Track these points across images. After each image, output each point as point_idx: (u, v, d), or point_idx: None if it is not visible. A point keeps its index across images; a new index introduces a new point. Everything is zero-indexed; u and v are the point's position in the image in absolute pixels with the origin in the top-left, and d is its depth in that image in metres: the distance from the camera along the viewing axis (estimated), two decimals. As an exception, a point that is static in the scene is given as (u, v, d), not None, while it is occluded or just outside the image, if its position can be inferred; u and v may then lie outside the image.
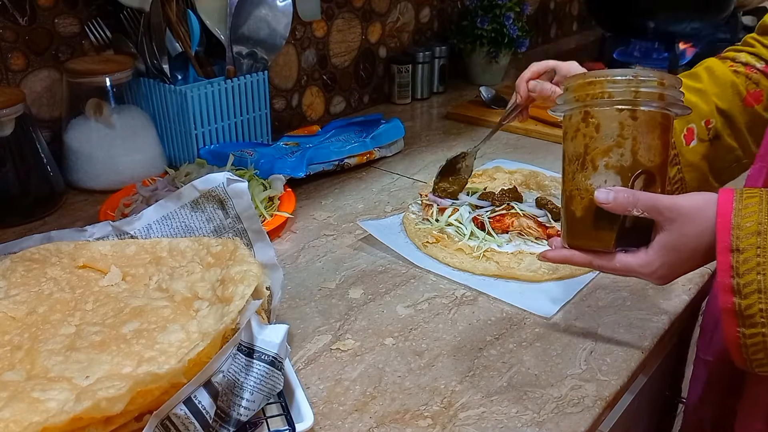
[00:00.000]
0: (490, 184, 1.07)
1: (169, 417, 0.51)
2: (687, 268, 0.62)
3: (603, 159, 0.61)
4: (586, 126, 0.62)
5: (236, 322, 0.58)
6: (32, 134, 0.97)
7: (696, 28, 1.60)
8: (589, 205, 0.62)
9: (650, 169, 0.61)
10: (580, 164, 0.62)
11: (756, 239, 0.57)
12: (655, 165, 0.61)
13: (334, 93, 1.44)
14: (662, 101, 0.60)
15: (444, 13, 1.64)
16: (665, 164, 0.62)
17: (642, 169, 0.61)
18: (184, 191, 0.76)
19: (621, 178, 0.60)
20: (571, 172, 0.63)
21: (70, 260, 0.71)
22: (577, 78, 0.63)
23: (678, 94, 0.61)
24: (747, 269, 0.57)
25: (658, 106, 0.60)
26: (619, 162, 0.60)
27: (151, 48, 1.07)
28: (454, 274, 0.85)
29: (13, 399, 0.52)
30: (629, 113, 0.60)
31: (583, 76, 0.63)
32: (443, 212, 0.96)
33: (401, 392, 0.66)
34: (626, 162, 0.60)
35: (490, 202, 0.97)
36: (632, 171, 0.60)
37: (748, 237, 0.56)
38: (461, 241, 0.90)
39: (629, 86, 0.60)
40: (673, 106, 0.61)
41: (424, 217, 0.98)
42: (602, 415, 0.64)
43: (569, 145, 0.64)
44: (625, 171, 0.60)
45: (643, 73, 0.61)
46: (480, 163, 1.19)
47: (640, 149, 0.60)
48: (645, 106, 0.60)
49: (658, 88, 0.60)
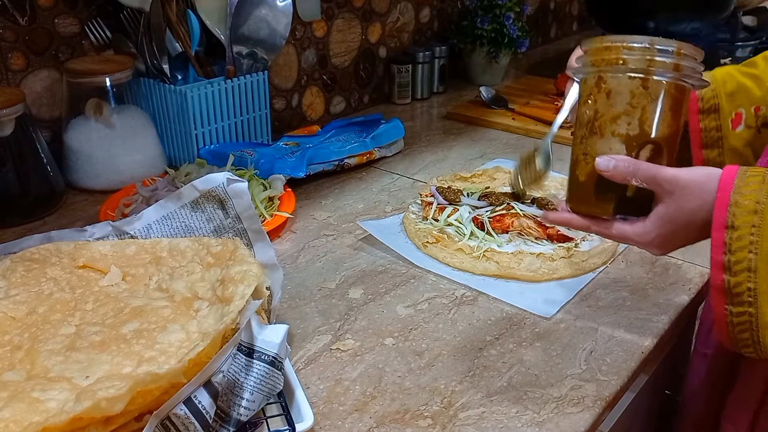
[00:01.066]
0: (491, 184, 1.07)
1: (169, 417, 0.51)
2: (683, 241, 0.62)
3: (610, 126, 0.60)
4: (598, 91, 0.61)
5: (236, 322, 0.58)
6: (32, 134, 0.97)
7: (696, 28, 1.60)
8: (591, 171, 0.62)
9: (657, 141, 0.60)
10: (589, 129, 0.62)
11: (752, 218, 0.56)
12: (663, 136, 0.60)
13: (334, 93, 1.44)
14: (677, 72, 0.59)
15: (444, 13, 1.64)
16: (675, 136, 0.62)
17: (648, 139, 0.60)
18: (184, 191, 0.76)
19: (626, 147, 0.60)
20: (579, 137, 0.63)
21: (70, 260, 0.71)
22: (596, 41, 0.63)
23: (696, 65, 0.60)
24: (739, 247, 0.57)
25: (672, 76, 0.59)
26: (626, 131, 0.60)
27: (151, 48, 1.07)
28: (454, 274, 0.85)
29: (13, 399, 0.52)
30: (640, 82, 0.59)
31: (601, 40, 0.62)
32: (442, 211, 0.96)
33: (401, 392, 0.66)
34: (633, 131, 0.60)
35: (488, 203, 0.97)
36: (638, 141, 0.60)
37: (744, 215, 0.56)
38: (461, 241, 0.90)
39: (644, 54, 0.59)
40: (689, 78, 0.60)
41: (423, 216, 0.98)
42: (602, 415, 0.64)
43: (581, 109, 0.64)
44: (630, 140, 0.60)
45: (661, 41, 0.59)
46: (480, 163, 1.19)
47: (648, 119, 0.59)
48: (658, 75, 0.59)
49: (674, 57, 0.59)
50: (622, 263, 0.88)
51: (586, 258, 0.87)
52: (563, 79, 1.57)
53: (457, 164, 1.19)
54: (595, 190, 0.62)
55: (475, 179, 1.09)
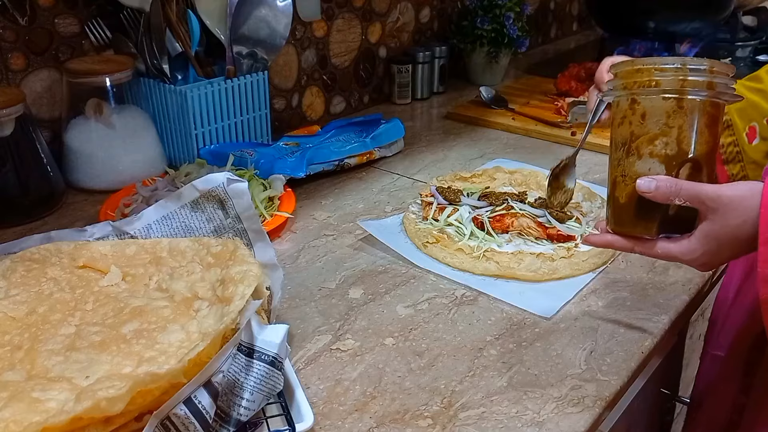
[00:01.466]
0: (491, 184, 1.07)
1: (169, 417, 0.51)
2: (728, 256, 0.62)
3: (648, 147, 0.61)
4: (632, 113, 0.62)
5: (236, 322, 0.58)
6: (32, 134, 0.97)
7: (696, 28, 1.60)
8: (632, 192, 0.62)
9: (696, 158, 0.61)
10: (626, 151, 0.62)
11: None
12: (702, 154, 0.61)
13: (334, 93, 1.44)
14: (711, 90, 0.60)
15: (444, 13, 1.64)
16: (713, 153, 0.62)
17: (687, 158, 0.60)
18: (184, 191, 0.76)
19: (665, 166, 0.61)
20: (616, 159, 0.64)
21: (70, 260, 0.71)
22: (626, 64, 0.63)
23: (729, 81, 0.61)
24: None
25: (707, 95, 0.60)
26: (664, 150, 0.60)
27: (151, 48, 1.07)
28: (454, 274, 0.85)
29: (13, 399, 0.52)
30: (675, 102, 0.60)
31: (632, 63, 0.63)
32: (442, 211, 0.96)
33: (401, 392, 0.66)
34: (671, 151, 0.60)
35: (488, 203, 0.97)
36: (677, 160, 0.60)
37: None
38: (461, 241, 0.90)
39: (677, 75, 0.60)
40: (723, 95, 0.60)
41: (423, 216, 0.97)
42: (602, 415, 0.64)
43: (616, 132, 0.64)
44: (669, 159, 0.60)
45: (692, 61, 0.60)
46: (480, 163, 1.19)
47: (686, 138, 0.60)
48: (692, 95, 0.60)
49: (706, 76, 0.59)
50: (622, 263, 0.88)
51: (586, 258, 0.87)
52: (563, 79, 1.58)
53: (457, 164, 1.19)
54: (636, 212, 0.63)
55: (475, 179, 1.09)
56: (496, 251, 0.88)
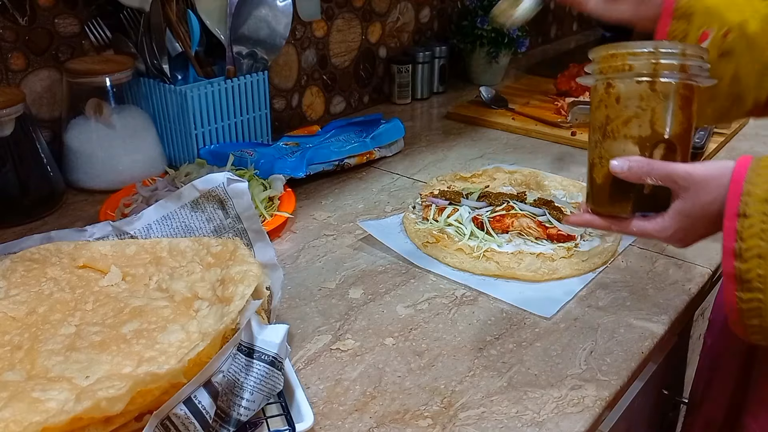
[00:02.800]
0: (491, 184, 1.07)
1: (169, 417, 0.51)
2: (702, 234, 0.63)
3: (623, 129, 0.62)
4: (608, 97, 0.63)
5: (236, 322, 0.58)
6: (32, 134, 0.97)
7: (696, 28, 1.60)
8: (608, 173, 0.63)
9: (670, 140, 0.62)
10: (602, 134, 0.64)
11: (764, 206, 0.57)
12: (675, 135, 0.62)
13: (334, 93, 1.44)
14: (684, 72, 0.61)
15: (444, 13, 1.64)
16: (687, 134, 0.63)
17: (661, 139, 0.62)
18: (184, 191, 0.76)
19: (640, 148, 0.62)
20: (594, 141, 0.65)
21: (70, 260, 0.71)
22: (602, 49, 0.64)
23: (702, 64, 0.62)
24: (750, 234, 0.58)
25: (680, 77, 0.61)
26: (638, 132, 0.61)
27: (151, 48, 1.07)
28: (454, 274, 0.85)
29: (13, 399, 0.52)
30: (648, 84, 0.61)
31: (606, 48, 0.64)
32: (442, 212, 0.96)
33: (401, 392, 0.66)
34: (644, 132, 0.61)
35: (488, 203, 0.97)
36: (651, 141, 0.62)
37: (756, 203, 0.57)
38: (461, 241, 0.90)
39: (650, 58, 0.61)
40: (697, 77, 0.62)
41: (423, 216, 0.97)
42: (602, 415, 0.64)
43: (594, 115, 0.65)
44: (643, 141, 0.61)
45: (664, 44, 0.62)
46: (480, 163, 1.19)
47: (659, 120, 0.61)
48: (665, 77, 0.61)
49: (679, 59, 0.61)
50: (622, 263, 0.88)
51: (587, 258, 0.87)
52: (563, 79, 1.57)
53: (457, 164, 1.19)
54: (612, 191, 0.64)
55: (474, 179, 1.09)
56: (495, 251, 0.88)
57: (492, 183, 1.08)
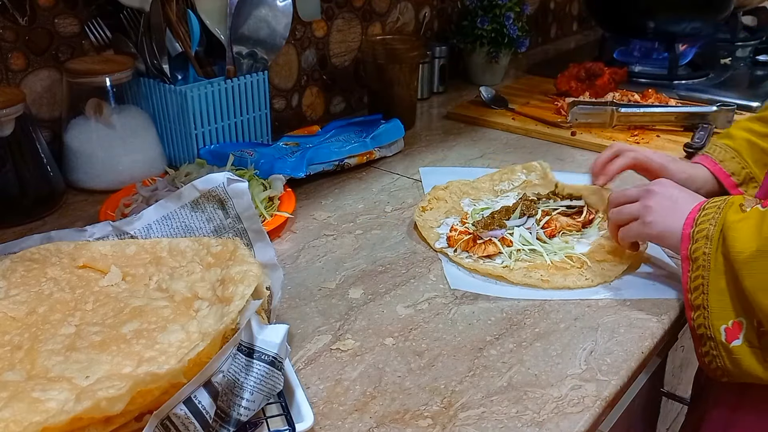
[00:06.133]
0: (499, 200, 1.03)
1: (169, 417, 0.51)
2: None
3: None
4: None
5: (236, 322, 0.58)
6: (32, 134, 0.97)
7: (696, 28, 1.60)
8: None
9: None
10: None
11: (719, 201, 0.75)
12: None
13: (334, 93, 1.44)
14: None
15: (444, 13, 1.64)
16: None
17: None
18: (184, 191, 0.76)
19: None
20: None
21: (70, 260, 0.71)
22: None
23: None
24: (703, 220, 0.74)
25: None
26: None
27: (151, 48, 1.07)
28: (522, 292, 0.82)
29: (13, 399, 0.52)
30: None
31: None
32: (487, 245, 0.88)
33: (401, 392, 0.66)
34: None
35: (526, 215, 0.94)
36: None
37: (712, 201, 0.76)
38: (542, 260, 0.86)
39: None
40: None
41: (479, 256, 0.88)
42: (602, 415, 0.64)
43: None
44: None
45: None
46: (480, 163, 1.18)
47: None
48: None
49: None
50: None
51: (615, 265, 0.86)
52: (563, 79, 1.58)
53: (457, 164, 1.19)
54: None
55: (482, 184, 1.07)
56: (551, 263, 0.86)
57: (504, 185, 1.06)
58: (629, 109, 1.31)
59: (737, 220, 0.71)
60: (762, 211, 0.70)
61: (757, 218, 0.70)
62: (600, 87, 1.46)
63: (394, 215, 1.01)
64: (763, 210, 0.70)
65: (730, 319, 0.70)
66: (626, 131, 1.30)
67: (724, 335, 0.70)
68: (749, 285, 0.67)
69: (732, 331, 0.70)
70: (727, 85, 1.60)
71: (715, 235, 0.72)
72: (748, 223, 0.70)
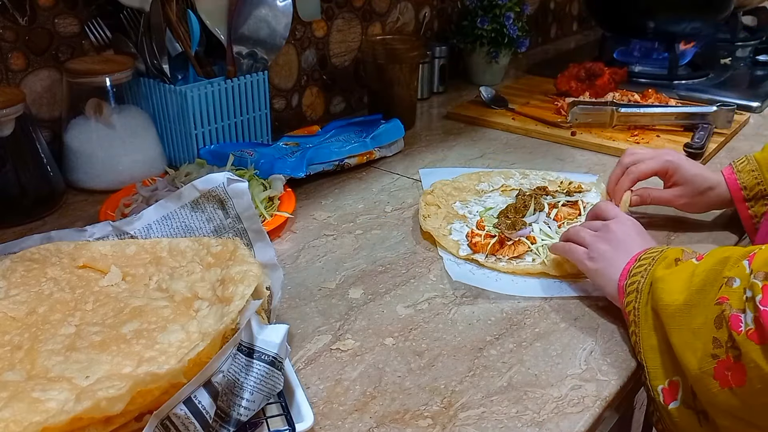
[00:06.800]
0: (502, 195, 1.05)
1: (169, 417, 0.51)
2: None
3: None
4: None
5: (236, 322, 0.58)
6: (32, 134, 0.97)
7: (696, 28, 1.60)
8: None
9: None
10: None
11: (653, 252, 0.72)
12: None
13: (334, 93, 1.44)
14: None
15: (444, 13, 1.64)
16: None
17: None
18: (184, 191, 0.76)
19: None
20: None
21: (70, 260, 0.71)
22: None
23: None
24: (636, 272, 0.71)
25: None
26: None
27: (151, 48, 1.07)
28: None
29: (13, 399, 0.52)
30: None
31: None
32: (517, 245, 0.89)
33: (401, 392, 0.66)
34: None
35: (538, 210, 0.96)
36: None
37: (649, 252, 0.73)
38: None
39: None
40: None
41: (509, 258, 0.88)
42: (602, 415, 0.64)
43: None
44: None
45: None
46: (480, 163, 1.18)
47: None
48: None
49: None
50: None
51: None
52: (563, 79, 1.58)
53: (457, 164, 1.19)
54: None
55: (462, 183, 1.07)
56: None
57: (504, 183, 1.08)
58: (629, 109, 1.31)
59: (668, 273, 0.66)
60: (695, 264, 0.65)
61: (687, 270, 0.65)
62: (600, 87, 1.46)
63: (394, 215, 1.01)
64: (695, 263, 0.65)
65: (666, 378, 0.64)
66: (626, 131, 1.30)
67: (662, 396, 0.65)
68: (676, 342, 0.62)
69: (669, 392, 0.64)
70: (727, 85, 1.60)
71: (644, 288, 0.68)
72: (678, 276, 0.65)
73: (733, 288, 0.58)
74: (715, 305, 0.59)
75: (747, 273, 0.58)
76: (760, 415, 0.57)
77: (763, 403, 0.56)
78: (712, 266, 0.62)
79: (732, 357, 0.56)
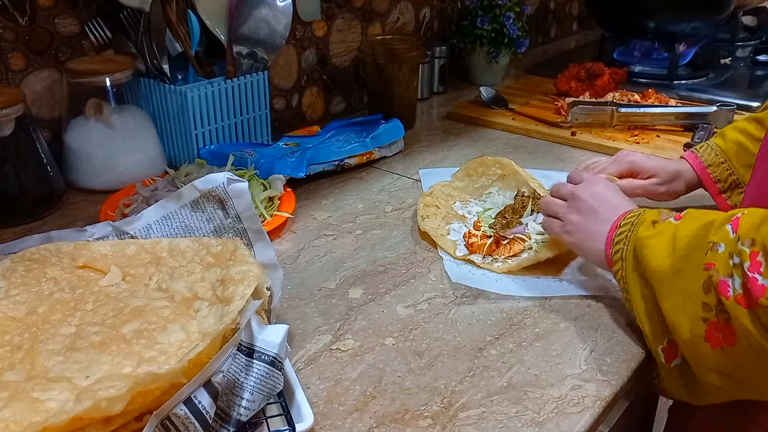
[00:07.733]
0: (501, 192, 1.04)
1: (169, 417, 0.51)
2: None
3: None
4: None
5: (236, 322, 0.58)
6: (32, 134, 0.97)
7: (696, 28, 1.60)
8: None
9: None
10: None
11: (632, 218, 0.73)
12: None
13: (334, 93, 1.44)
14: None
15: (444, 13, 1.64)
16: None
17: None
18: (184, 191, 0.76)
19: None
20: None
21: (70, 260, 0.71)
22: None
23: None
24: (618, 240, 0.72)
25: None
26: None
27: (151, 48, 1.07)
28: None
29: (13, 399, 0.52)
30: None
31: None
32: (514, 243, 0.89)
33: (401, 392, 0.66)
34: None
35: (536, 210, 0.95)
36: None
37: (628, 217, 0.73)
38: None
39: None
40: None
41: (506, 257, 0.88)
42: (602, 415, 0.64)
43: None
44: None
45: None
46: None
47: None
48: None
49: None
50: (622, 263, 0.88)
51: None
52: (563, 79, 1.58)
53: (457, 164, 1.18)
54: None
55: (460, 183, 1.07)
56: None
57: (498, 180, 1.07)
58: (629, 109, 1.31)
59: (649, 236, 0.67)
60: (675, 224, 0.66)
61: (669, 232, 0.66)
62: (600, 87, 1.46)
63: (394, 215, 1.01)
64: (675, 223, 0.66)
65: (665, 337, 0.67)
66: (626, 131, 1.30)
67: (663, 356, 0.67)
68: (667, 307, 0.64)
69: (669, 350, 0.67)
70: (727, 85, 1.60)
71: (628, 256, 0.70)
72: (660, 239, 0.66)
73: (718, 253, 0.59)
74: (702, 271, 0.60)
75: (732, 238, 0.59)
76: (746, 373, 0.60)
77: (749, 362, 0.59)
78: (697, 231, 0.63)
79: (722, 320, 0.59)
